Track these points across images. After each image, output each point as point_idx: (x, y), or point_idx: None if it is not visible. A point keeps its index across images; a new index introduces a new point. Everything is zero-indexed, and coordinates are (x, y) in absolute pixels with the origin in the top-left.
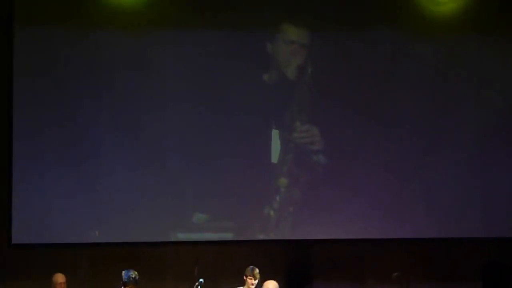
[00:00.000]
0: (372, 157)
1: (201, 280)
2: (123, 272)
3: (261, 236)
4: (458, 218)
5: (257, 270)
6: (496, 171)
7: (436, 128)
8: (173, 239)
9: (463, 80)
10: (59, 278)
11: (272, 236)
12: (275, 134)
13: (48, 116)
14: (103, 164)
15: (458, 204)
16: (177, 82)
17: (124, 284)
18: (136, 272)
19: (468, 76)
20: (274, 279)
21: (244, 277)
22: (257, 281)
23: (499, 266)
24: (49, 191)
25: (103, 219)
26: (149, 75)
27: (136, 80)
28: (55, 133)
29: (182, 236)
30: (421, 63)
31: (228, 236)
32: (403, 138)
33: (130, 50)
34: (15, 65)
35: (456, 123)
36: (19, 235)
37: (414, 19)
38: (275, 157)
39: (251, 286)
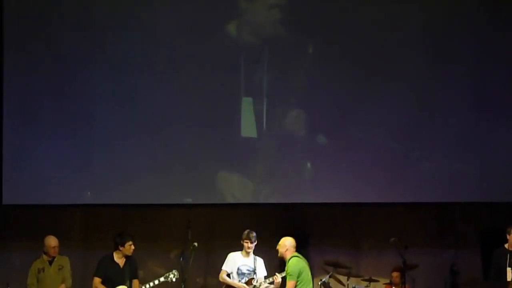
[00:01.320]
0: (369, 121)
1: (194, 244)
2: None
3: (256, 200)
4: (456, 182)
5: (254, 234)
6: (495, 135)
7: (434, 91)
8: (165, 202)
9: (462, 39)
10: (52, 241)
11: (266, 199)
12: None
13: (41, 77)
14: (96, 126)
15: (457, 169)
16: (172, 44)
17: (122, 242)
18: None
19: (467, 35)
20: (268, 243)
21: (241, 241)
22: (254, 244)
23: (498, 231)
24: (41, 152)
25: (95, 180)
26: (143, 38)
27: (130, 43)
28: (48, 94)
29: (174, 199)
30: (418, 21)
31: (222, 199)
32: (400, 103)
33: (124, 11)
34: (6, 28)
35: (455, 86)
36: (10, 196)
37: None
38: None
39: (248, 250)
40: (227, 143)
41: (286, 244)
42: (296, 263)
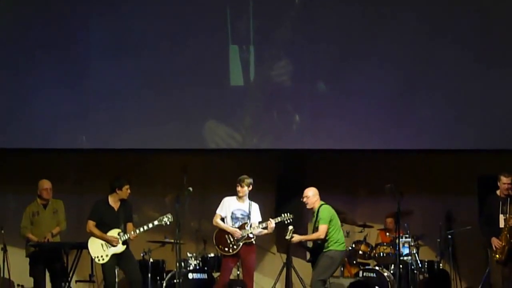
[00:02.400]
0: (365, 69)
1: (189, 188)
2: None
3: (252, 146)
4: (453, 130)
5: (249, 180)
6: (492, 83)
7: (433, 37)
8: (160, 147)
9: None
10: (45, 184)
11: (263, 145)
12: None
13: (39, 24)
14: (92, 72)
15: (453, 116)
16: None
17: (119, 185)
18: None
19: None
20: (266, 189)
21: (238, 186)
22: (245, 189)
23: (494, 178)
24: (37, 97)
25: (91, 125)
26: None
27: None
28: (45, 40)
29: (169, 145)
30: None
31: (217, 145)
32: (397, 49)
33: None
34: None
35: (455, 32)
36: (5, 140)
37: None
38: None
39: (239, 194)
40: (217, 91)
41: (316, 193)
42: (329, 209)
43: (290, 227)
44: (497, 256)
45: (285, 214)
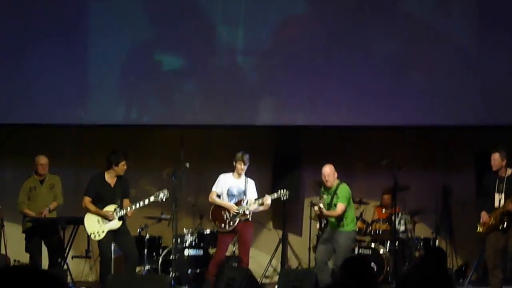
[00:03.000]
0: (363, 42)
1: (186, 164)
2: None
3: (248, 121)
4: (450, 105)
5: (247, 156)
6: (490, 58)
7: (430, 13)
8: (158, 122)
9: None
10: (41, 159)
11: (259, 121)
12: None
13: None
14: (90, 47)
15: (451, 91)
16: None
17: (116, 161)
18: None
19: None
20: (262, 165)
21: (234, 163)
22: (246, 166)
23: (491, 154)
24: (33, 70)
25: (89, 99)
26: None
27: None
28: (42, 13)
29: (167, 119)
30: None
31: (214, 120)
32: (395, 23)
33: None
34: None
35: (454, 5)
36: (2, 115)
37: None
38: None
39: (240, 172)
40: (212, 69)
41: (334, 170)
42: (347, 189)
43: (321, 205)
44: (480, 229)
45: (281, 191)
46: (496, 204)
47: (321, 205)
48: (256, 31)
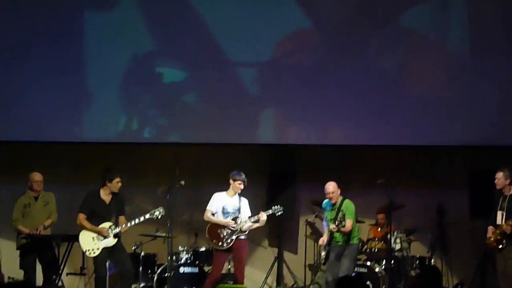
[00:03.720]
0: (358, 65)
1: (181, 182)
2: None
3: (243, 140)
4: (445, 125)
5: (243, 175)
6: (484, 78)
7: (423, 31)
8: (154, 141)
9: None
10: (36, 176)
11: (254, 140)
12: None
13: (28, 5)
14: (85, 62)
15: (445, 111)
16: None
17: (110, 178)
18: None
19: None
20: (256, 183)
21: (231, 181)
22: (242, 186)
23: (486, 173)
24: (28, 87)
25: (84, 117)
26: None
27: None
28: (35, 23)
29: (162, 134)
30: None
31: (210, 138)
32: (388, 43)
33: None
34: None
35: (444, 26)
36: None
37: None
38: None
39: (238, 191)
40: (215, 84)
41: (337, 187)
42: (353, 205)
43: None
44: (488, 241)
45: (275, 206)
46: (498, 221)
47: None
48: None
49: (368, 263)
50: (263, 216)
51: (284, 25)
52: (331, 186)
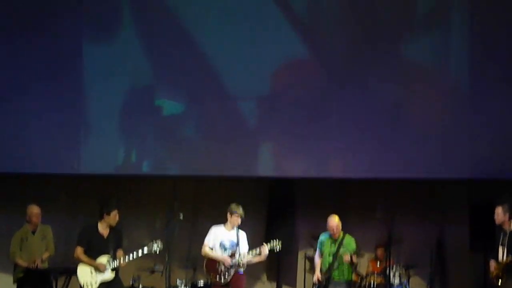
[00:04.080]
0: (356, 96)
1: (180, 215)
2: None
3: (241, 173)
4: (444, 158)
5: (241, 208)
6: (483, 112)
7: (423, 60)
8: (152, 172)
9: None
10: (34, 209)
11: (254, 172)
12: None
13: (27, 40)
14: (84, 95)
15: (445, 144)
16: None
17: (107, 210)
18: None
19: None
20: (255, 216)
21: (228, 215)
22: (240, 219)
23: (485, 206)
24: (26, 120)
25: (82, 150)
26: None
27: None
28: (34, 57)
29: (161, 168)
30: None
31: (209, 171)
32: (388, 70)
33: None
34: None
35: (444, 60)
36: None
37: None
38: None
39: (236, 224)
40: (214, 116)
41: (339, 221)
42: (354, 240)
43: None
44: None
45: (274, 241)
46: (500, 257)
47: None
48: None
49: None
50: (265, 249)
51: (284, 57)
52: (335, 220)
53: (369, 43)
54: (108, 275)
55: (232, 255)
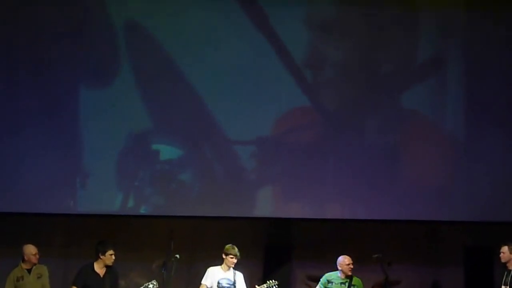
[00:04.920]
0: (353, 137)
1: (176, 255)
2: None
3: (239, 213)
4: (440, 201)
5: (236, 250)
6: (479, 154)
7: (420, 108)
8: (149, 213)
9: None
10: (32, 249)
11: (251, 213)
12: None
13: (23, 79)
14: (80, 134)
15: (441, 187)
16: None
17: (103, 251)
18: None
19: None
20: (252, 257)
21: (223, 256)
22: (235, 260)
23: (481, 249)
24: (22, 159)
25: (78, 189)
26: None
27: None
28: (28, 90)
29: (158, 210)
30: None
31: (206, 212)
32: (386, 117)
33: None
34: None
35: (442, 103)
36: None
37: None
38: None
39: (231, 265)
40: (212, 161)
41: None
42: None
43: None
44: None
45: (270, 281)
46: None
47: None
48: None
49: None
50: None
51: (282, 102)
52: (349, 259)
53: (367, 92)
54: None
55: None
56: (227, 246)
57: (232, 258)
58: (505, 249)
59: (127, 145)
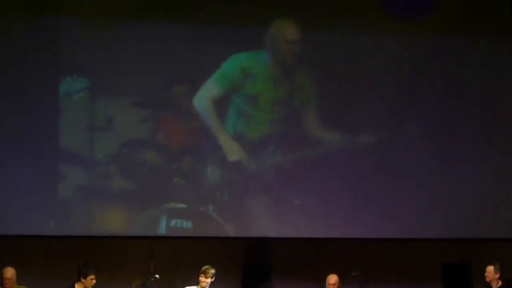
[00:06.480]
0: (332, 156)
1: (156, 276)
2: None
3: (219, 233)
4: (417, 218)
5: (212, 270)
6: (456, 172)
7: (397, 128)
8: (128, 234)
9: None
10: (8, 273)
11: (229, 233)
12: None
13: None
14: (60, 156)
15: (418, 205)
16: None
17: (85, 274)
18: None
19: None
20: (231, 276)
21: (199, 276)
22: (209, 280)
23: (459, 266)
24: (2, 181)
25: (58, 210)
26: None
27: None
28: (9, 118)
29: (138, 231)
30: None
31: (185, 232)
32: (362, 136)
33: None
34: None
35: (418, 122)
36: None
37: None
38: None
39: (203, 285)
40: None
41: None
42: None
43: None
44: None
45: None
46: None
47: None
48: None
49: None
50: None
51: None
52: (334, 281)
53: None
54: None
55: None
56: (204, 267)
57: (205, 278)
58: (490, 268)
59: (103, 168)
